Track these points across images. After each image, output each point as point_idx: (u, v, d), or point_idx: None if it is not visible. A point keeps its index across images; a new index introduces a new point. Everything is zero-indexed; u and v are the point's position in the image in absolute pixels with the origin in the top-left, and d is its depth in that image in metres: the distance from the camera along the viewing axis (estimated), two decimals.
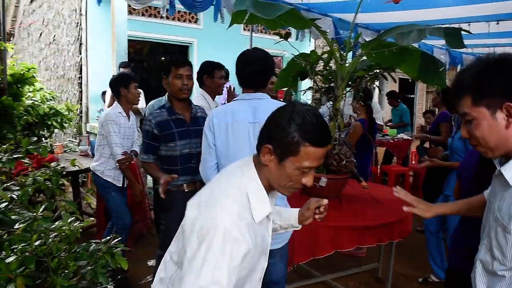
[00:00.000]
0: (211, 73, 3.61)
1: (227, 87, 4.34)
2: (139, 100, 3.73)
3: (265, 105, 2.14)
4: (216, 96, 3.95)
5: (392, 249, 3.30)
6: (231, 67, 2.77)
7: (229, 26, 2.90)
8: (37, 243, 1.71)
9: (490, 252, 1.39)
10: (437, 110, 5.59)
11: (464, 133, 1.37)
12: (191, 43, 8.17)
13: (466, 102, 1.31)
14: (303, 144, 1.25)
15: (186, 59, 2.97)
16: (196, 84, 3.24)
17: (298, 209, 1.76)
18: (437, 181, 4.12)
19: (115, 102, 3.62)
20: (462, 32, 2.57)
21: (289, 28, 3.84)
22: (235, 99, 2.37)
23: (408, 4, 4.95)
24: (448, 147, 3.54)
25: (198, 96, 3.69)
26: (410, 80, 14.78)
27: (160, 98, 4.24)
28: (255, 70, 2.22)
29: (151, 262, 3.92)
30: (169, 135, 2.69)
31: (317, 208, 1.66)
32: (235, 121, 2.20)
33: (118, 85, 3.53)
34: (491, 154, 1.35)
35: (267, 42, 9.23)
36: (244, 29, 8.77)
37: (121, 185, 3.58)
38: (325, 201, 1.63)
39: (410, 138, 7.19)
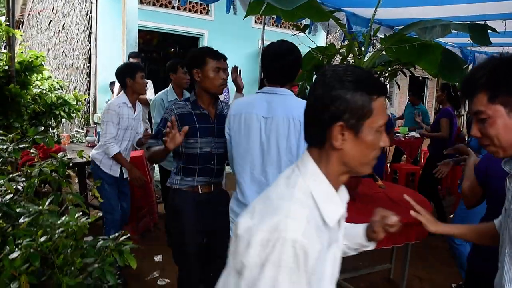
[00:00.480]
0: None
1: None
2: (146, 90, 3.67)
3: (279, 100, 2.10)
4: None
5: (408, 250, 3.21)
6: (242, 59, 2.65)
7: (245, 17, 2.82)
8: (42, 239, 1.63)
9: None
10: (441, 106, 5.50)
11: (475, 131, 1.31)
12: (202, 35, 8.06)
13: (481, 100, 1.25)
14: (372, 98, 1.05)
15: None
16: None
17: (364, 224, 1.51)
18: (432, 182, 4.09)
19: (121, 92, 3.54)
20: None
21: (302, 21, 3.73)
22: (257, 91, 2.29)
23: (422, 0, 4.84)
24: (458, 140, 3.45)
25: None
26: (420, 78, 14.61)
27: (165, 90, 4.16)
28: (280, 64, 2.11)
29: (158, 258, 3.86)
30: (190, 129, 2.39)
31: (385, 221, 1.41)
32: (247, 114, 2.15)
33: (124, 75, 3.45)
34: (502, 153, 1.30)
35: (279, 35, 9.11)
36: (256, 22, 8.65)
37: (117, 176, 3.49)
38: (395, 218, 1.39)
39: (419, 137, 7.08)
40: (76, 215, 1.77)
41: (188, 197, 2.47)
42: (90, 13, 6.94)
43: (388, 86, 8.40)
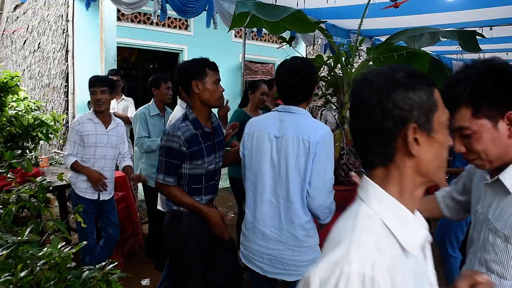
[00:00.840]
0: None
1: None
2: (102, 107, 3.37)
3: (291, 119, 2.04)
4: None
5: None
6: (223, 74, 2.54)
7: (229, 30, 2.75)
8: (23, 273, 1.50)
9: (486, 266, 1.31)
10: None
11: (459, 147, 1.26)
12: (181, 50, 7.98)
13: (464, 115, 1.21)
14: (431, 90, 0.90)
15: None
16: None
17: None
18: None
19: (91, 109, 3.44)
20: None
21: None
22: (273, 109, 2.24)
23: (405, 10, 4.87)
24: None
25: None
26: None
27: (147, 105, 4.09)
28: (291, 82, 2.04)
29: (145, 282, 3.70)
30: (198, 151, 2.28)
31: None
32: (260, 133, 2.11)
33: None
34: (489, 166, 1.28)
35: (260, 49, 9.14)
36: (236, 36, 8.63)
37: (96, 198, 3.32)
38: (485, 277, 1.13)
39: None
40: (59, 245, 1.64)
41: (194, 219, 2.33)
42: (67, 31, 6.80)
43: None
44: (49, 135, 4.80)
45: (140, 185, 4.77)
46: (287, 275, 2.10)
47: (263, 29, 6.42)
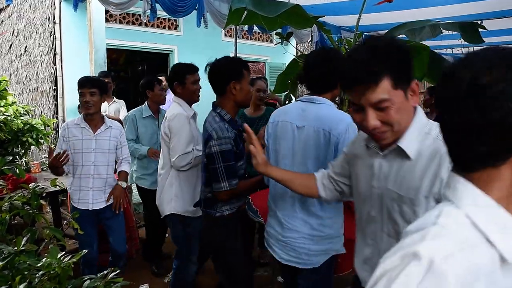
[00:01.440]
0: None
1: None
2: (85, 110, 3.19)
3: (313, 108, 2.04)
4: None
5: None
6: None
7: (225, 27, 2.70)
8: (21, 286, 1.42)
9: (396, 237, 1.39)
10: (429, 110, 5.47)
11: (375, 122, 1.27)
12: (171, 51, 7.88)
13: (385, 88, 1.23)
14: None
15: None
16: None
17: None
18: None
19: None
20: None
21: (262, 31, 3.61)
22: (298, 99, 2.23)
23: (393, 6, 4.85)
24: None
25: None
26: None
27: (139, 107, 4.02)
28: (316, 72, 2.02)
29: (144, 287, 3.62)
30: (240, 152, 2.33)
31: None
32: (282, 122, 2.11)
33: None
34: (393, 138, 1.33)
35: (251, 48, 9.07)
36: (226, 35, 8.55)
37: (87, 208, 3.13)
38: None
39: None
40: (59, 255, 1.56)
41: (236, 218, 2.43)
42: (54, 33, 6.66)
43: None
44: (39, 140, 4.69)
45: (134, 188, 4.68)
46: (298, 263, 2.11)
47: (254, 27, 6.38)
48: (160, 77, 6.04)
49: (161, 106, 4.11)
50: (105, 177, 3.23)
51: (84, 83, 3.13)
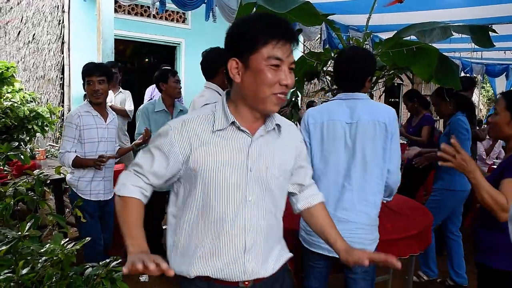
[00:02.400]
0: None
1: None
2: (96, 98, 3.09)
3: (362, 104, 2.11)
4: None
5: (412, 262, 3.08)
6: None
7: None
8: (24, 271, 1.43)
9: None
10: (414, 115, 5.36)
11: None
12: (179, 44, 7.88)
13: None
14: None
15: None
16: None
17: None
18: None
19: (86, 100, 3.19)
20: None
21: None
22: (332, 98, 2.26)
23: (406, 6, 4.83)
24: (436, 146, 3.66)
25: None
26: (395, 84, 14.73)
27: (153, 100, 4.01)
28: (352, 69, 2.09)
29: (144, 278, 3.63)
30: None
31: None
32: (330, 121, 2.13)
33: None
34: None
35: None
36: None
37: (100, 199, 3.11)
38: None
39: (405, 143, 7.04)
40: (62, 241, 1.57)
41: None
42: (63, 22, 6.68)
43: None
44: (45, 128, 4.70)
45: None
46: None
47: None
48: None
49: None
50: (111, 167, 3.23)
51: (93, 71, 2.99)
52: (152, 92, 6.10)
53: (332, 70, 2.90)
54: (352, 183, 2.11)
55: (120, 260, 1.69)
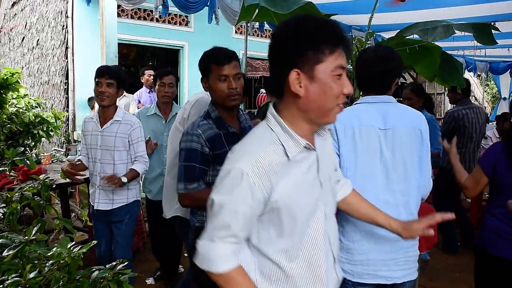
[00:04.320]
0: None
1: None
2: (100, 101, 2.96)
3: (395, 109, 1.91)
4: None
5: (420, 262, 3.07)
6: None
7: (237, 23, 2.70)
8: (31, 275, 1.44)
9: None
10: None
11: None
12: (182, 47, 7.90)
13: None
14: None
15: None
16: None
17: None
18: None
19: (93, 104, 3.26)
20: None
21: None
22: (356, 102, 2.03)
23: (408, 5, 4.83)
24: None
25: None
26: (399, 83, 14.64)
27: (148, 106, 3.91)
28: (380, 70, 1.89)
29: (150, 281, 3.64)
30: (221, 155, 1.91)
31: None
32: (362, 127, 1.87)
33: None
34: None
35: (262, 45, 9.03)
36: (236, 32, 8.55)
37: (100, 209, 2.99)
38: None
39: None
40: (69, 245, 1.58)
41: None
42: (66, 27, 6.72)
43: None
44: (50, 133, 4.73)
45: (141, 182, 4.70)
46: (412, 273, 1.95)
47: (265, 25, 6.38)
48: (147, 71, 6.12)
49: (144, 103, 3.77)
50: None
51: (103, 72, 2.90)
52: (139, 96, 6.14)
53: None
54: (396, 197, 1.88)
55: (126, 263, 1.69)
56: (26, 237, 1.65)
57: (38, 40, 7.98)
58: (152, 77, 5.63)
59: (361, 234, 1.88)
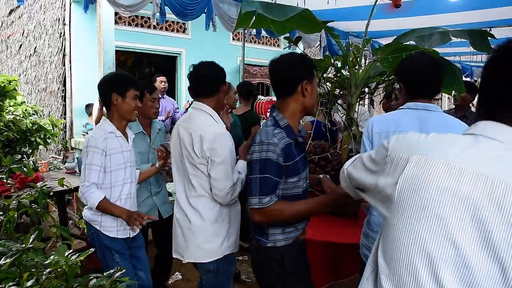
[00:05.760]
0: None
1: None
2: (136, 115, 2.60)
3: (435, 118, 1.88)
4: None
5: None
6: None
7: (234, 30, 2.70)
8: (29, 283, 1.43)
9: None
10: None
11: None
12: (179, 54, 7.93)
13: None
14: None
15: None
16: None
17: None
18: None
19: (103, 117, 2.65)
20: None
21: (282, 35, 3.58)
22: (399, 108, 2.00)
23: (405, 12, 4.86)
24: None
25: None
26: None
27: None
28: (426, 77, 1.89)
29: None
30: (294, 165, 1.85)
31: None
32: (398, 133, 1.84)
33: (109, 90, 2.47)
34: None
35: (259, 52, 9.09)
36: (234, 39, 8.58)
37: (128, 236, 2.55)
38: None
39: None
40: (66, 253, 1.57)
41: (294, 253, 1.94)
42: (64, 35, 6.73)
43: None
44: (47, 140, 4.71)
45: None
46: None
47: (262, 31, 6.41)
48: (159, 77, 5.71)
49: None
50: (135, 196, 2.71)
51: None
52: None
53: (330, 77, 2.92)
54: None
55: (124, 270, 1.68)
56: (23, 245, 1.65)
57: (35, 47, 7.99)
58: (163, 83, 5.64)
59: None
